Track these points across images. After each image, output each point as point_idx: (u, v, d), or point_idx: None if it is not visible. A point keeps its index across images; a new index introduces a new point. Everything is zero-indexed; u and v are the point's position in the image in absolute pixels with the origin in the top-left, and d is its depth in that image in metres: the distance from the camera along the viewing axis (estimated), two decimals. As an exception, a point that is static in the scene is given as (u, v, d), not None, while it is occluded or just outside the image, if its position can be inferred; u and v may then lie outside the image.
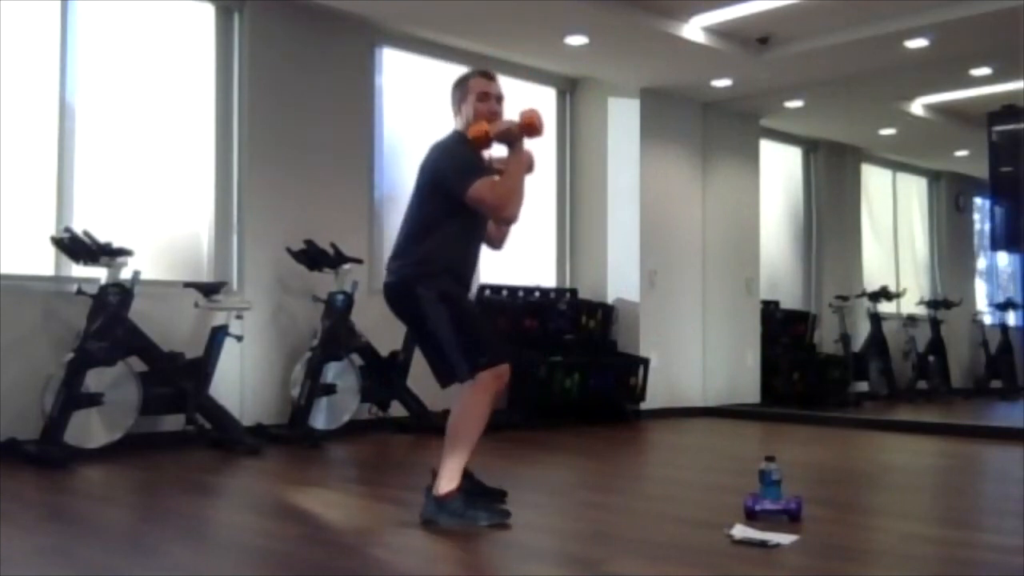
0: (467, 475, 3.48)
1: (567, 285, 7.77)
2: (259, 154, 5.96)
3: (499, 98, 3.55)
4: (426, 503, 3.36)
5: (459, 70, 6.98)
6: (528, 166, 3.49)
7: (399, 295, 3.45)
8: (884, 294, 9.15)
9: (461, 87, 3.57)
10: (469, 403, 3.38)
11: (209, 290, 5.40)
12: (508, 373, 3.46)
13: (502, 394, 3.52)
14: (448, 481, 3.33)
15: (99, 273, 4.99)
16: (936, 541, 3.40)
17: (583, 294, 7.68)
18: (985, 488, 5.06)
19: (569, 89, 7.91)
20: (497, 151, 3.52)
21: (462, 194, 3.33)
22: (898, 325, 9.59)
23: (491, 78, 3.59)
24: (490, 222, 3.55)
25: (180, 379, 5.24)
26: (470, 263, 3.54)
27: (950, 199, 10.59)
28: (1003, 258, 10.72)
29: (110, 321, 4.89)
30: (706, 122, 8.13)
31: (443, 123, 3.67)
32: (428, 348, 3.48)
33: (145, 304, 5.18)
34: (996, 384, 10.06)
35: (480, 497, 3.45)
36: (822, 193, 9.42)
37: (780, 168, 9.25)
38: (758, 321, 8.45)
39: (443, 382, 3.48)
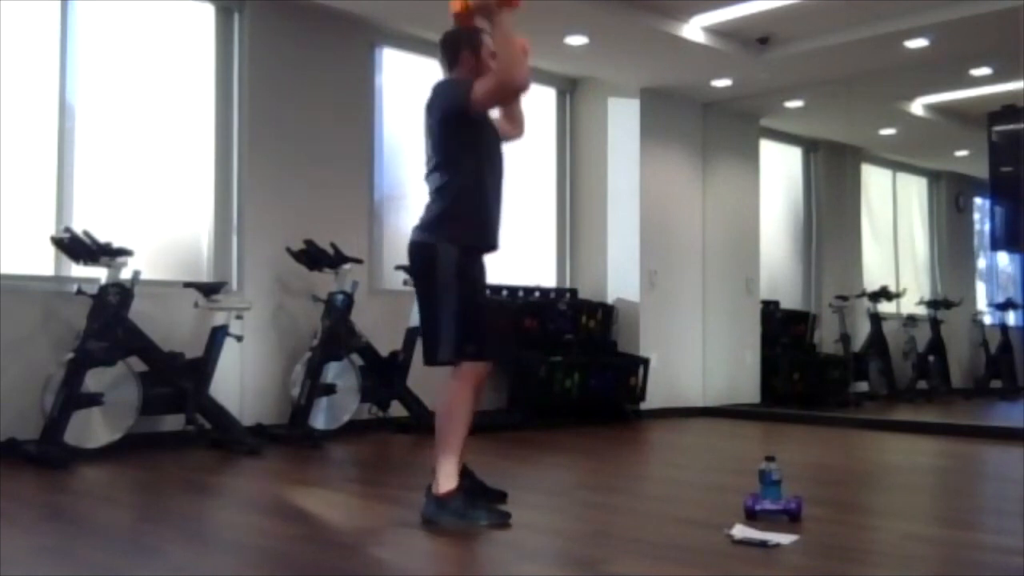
0: (468, 474, 3.48)
1: (567, 285, 7.77)
2: (259, 154, 5.96)
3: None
4: (427, 503, 3.36)
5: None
6: (523, 50, 3.37)
7: (419, 255, 3.45)
8: (884, 294, 9.14)
9: (474, 39, 3.52)
10: (450, 399, 3.39)
11: (209, 290, 5.40)
12: (485, 375, 3.47)
13: (483, 387, 3.50)
14: (446, 480, 3.33)
15: (99, 273, 4.99)
16: (936, 541, 3.40)
17: (583, 294, 7.68)
18: (985, 488, 5.06)
19: (569, 89, 7.91)
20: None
21: (467, 102, 3.32)
22: (898, 325, 9.58)
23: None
24: (502, 123, 3.57)
25: (180, 379, 5.24)
26: (492, 205, 3.49)
27: (950, 199, 10.58)
28: (1003, 258, 10.71)
29: (110, 321, 4.89)
30: (706, 122, 8.14)
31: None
32: (426, 316, 3.46)
33: (145, 304, 5.18)
34: (996, 384, 10.06)
35: (481, 497, 3.45)
36: (822, 193, 9.42)
37: (780, 168, 9.24)
38: (758, 321, 8.45)
39: (427, 358, 3.46)
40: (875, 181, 10.04)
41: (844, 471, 5.30)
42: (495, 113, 3.60)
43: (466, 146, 3.43)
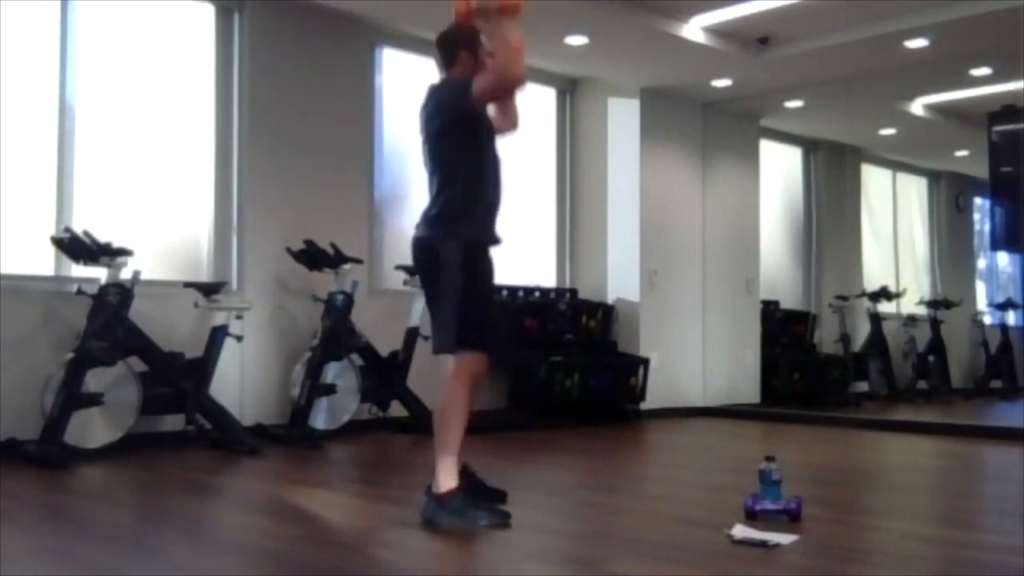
0: (469, 474, 3.48)
1: (567, 285, 7.77)
2: (259, 154, 5.96)
3: None
4: (427, 502, 3.36)
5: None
6: (519, 48, 3.37)
7: (422, 253, 3.49)
8: (884, 294, 9.14)
9: (472, 38, 3.57)
10: (447, 398, 3.41)
11: (209, 290, 5.40)
12: (484, 369, 3.48)
13: (483, 384, 3.54)
14: (446, 479, 3.33)
15: (99, 273, 4.98)
16: (936, 541, 3.40)
17: (583, 294, 7.68)
18: (985, 488, 5.06)
19: (569, 89, 7.91)
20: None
21: (467, 98, 3.36)
22: (898, 325, 9.58)
23: None
24: (497, 118, 3.59)
25: (180, 379, 5.24)
26: (492, 202, 3.52)
27: (950, 199, 10.58)
28: (1003, 258, 10.70)
29: (110, 321, 4.89)
30: (706, 122, 8.14)
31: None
32: (434, 306, 3.50)
33: (145, 304, 5.18)
34: (996, 384, 10.05)
35: (480, 496, 3.45)
36: (822, 193, 9.42)
37: (780, 168, 9.24)
38: (758, 321, 8.45)
39: (434, 349, 3.49)
40: (875, 181, 10.04)
41: (844, 471, 5.30)
42: (491, 110, 3.61)
43: (466, 145, 3.46)
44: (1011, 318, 10.38)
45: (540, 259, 7.69)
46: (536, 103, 7.72)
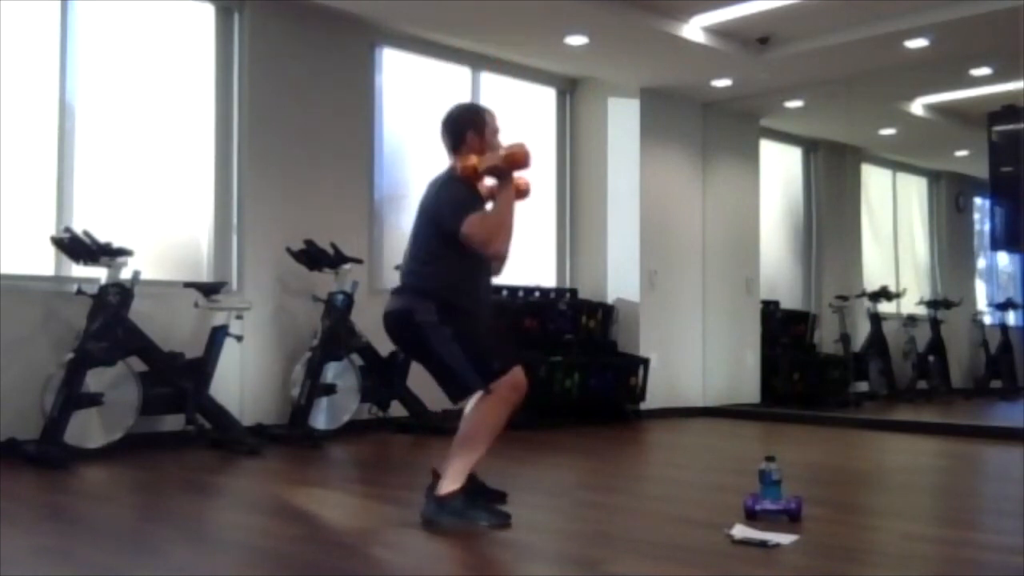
0: (469, 475, 3.48)
1: (567, 285, 7.77)
2: (259, 154, 5.96)
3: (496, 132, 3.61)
4: (427, 503, 3.36)
5: (459, 70, 7.06)
6: (524, 192, 3.48)
7: (398, 323, 3.44)
8: (884, 294, 9.15)
9: (477, 119, 3.56)
10: (487, 413, 3.37)
11: (209, 290, 5.41)
12: (525, 383, 3.43)
13: (521, 405, 3.44)
14: (452, 481, 3.33)
15: (99, 273, 4.99)
16: (936, 541, 3.40)
17: (583, 294, 7.68)
18: (985, 488, 5.06)
19: (569, 89, 7.91)
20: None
21: (456, 231, 3.32)
22: (898, 325, 9.59)
23: (493, 114, 3.63)
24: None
25: (180, 379, 5.24)
26: (477, 289, 3.50)
27: (950, 199, 10.58)
28: (1003, 258, 10.71)
29: (110, 321, 4.89)
30: (706, 122, 8.14)
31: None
32: (436, 370, 3.45)
33: (145, 304, 5.18)
34: (996, 384, 10.06)
35: (480, 497, 3.45)
36: (822, 193, 9.42)
37: (780, 168, 9.25)
38: (758, 321, 8.45)
39: (455, 398, 3.46)
40: (875, 181, 10.04)
41: (844, 471, 5.30)
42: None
43: (451, 244, 3.38)
44: (1011, 318, 10.38)
45: (540, 259, 7.69)
46: (536, 103, 7.72)
